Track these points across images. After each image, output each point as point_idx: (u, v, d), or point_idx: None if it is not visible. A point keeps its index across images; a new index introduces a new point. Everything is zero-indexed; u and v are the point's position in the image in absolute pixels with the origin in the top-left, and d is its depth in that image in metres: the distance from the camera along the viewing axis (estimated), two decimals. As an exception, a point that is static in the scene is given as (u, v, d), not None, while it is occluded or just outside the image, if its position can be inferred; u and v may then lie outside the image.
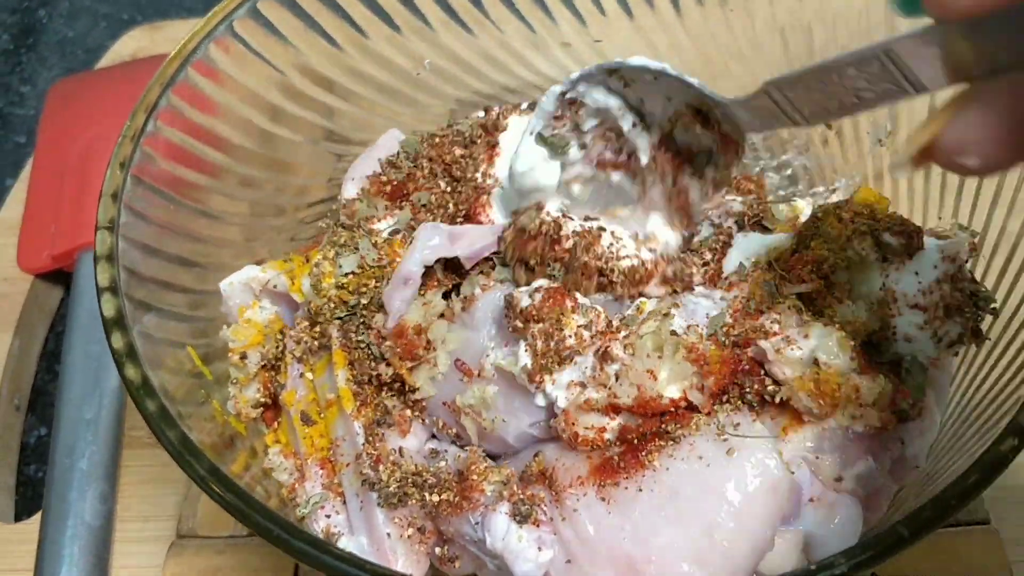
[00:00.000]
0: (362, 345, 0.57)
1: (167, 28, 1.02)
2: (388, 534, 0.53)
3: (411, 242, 0.58)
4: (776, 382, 0.51)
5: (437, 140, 0.67)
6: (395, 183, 0.65)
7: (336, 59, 0.75)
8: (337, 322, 0.59)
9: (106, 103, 0.92)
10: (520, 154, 0.57)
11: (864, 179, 0.72)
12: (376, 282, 0.59)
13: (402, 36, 0.77)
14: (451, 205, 0.63)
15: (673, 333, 0.51)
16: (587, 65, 0.77)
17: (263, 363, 0.61)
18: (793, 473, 0.51)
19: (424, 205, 0.64)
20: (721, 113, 0.52)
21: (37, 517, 0.73)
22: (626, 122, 0.56)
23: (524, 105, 0.69)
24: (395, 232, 0.62)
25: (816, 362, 0.50)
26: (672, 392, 0.51)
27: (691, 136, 0.55)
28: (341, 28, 0.74)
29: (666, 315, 0.53)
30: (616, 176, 0.57)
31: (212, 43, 0.65)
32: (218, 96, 0.67)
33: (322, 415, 0.58)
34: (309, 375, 0.59)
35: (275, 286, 0.62)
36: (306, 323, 0.60)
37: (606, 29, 0.77)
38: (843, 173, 0.73)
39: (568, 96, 0.55)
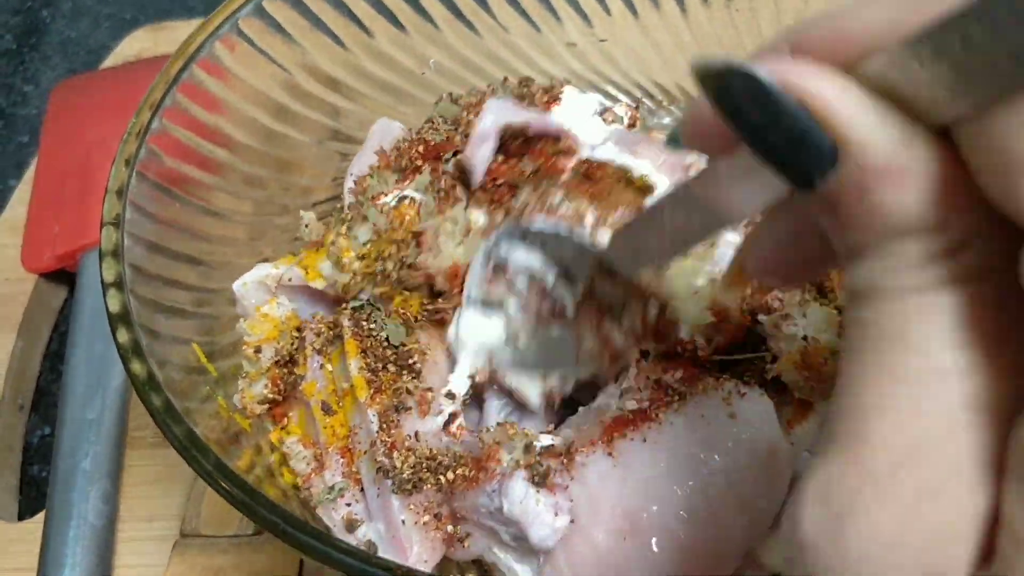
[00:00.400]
0: (374, 332, 0.57)
1: (170, 29, 1.02)
2: (403, 521, 0.53)
3: (481, 111, 0.62)
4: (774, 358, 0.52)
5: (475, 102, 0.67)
6: (432, 144, 0.65)
7: (341, 58, 0.75)
8: (348, 311, 0.59)
9: (109, 103, 0.92)
10: (462, 321, 0.59)
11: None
12: (395, 247, 0.59)
13: (407, 36, 0.77)
14: None
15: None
16: (594, 65, 0.79)
17: (276, 359, 0.61)
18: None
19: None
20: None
21: (40, 517, 0.73)
22: (549, 278, 0.58)
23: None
24: (402, 199, 0.62)
25: (806, 338, 0.51)
26: (683, 332, 0.53)
27: (606, 287, 0.56)
28: (347, 27, 0.74)
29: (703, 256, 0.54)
30: (556, 329, 0.58)
31: (217, 41, 0.65)
32: (223, 94, 0.67)
33: (340, 404, 0.58)
34: (328, 366, 0.59)
35: (290, 279, 0.62)
36: (322, 313, 0.61)
37: (611, 28, 0.78)
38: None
39: (493, 258, 0.58)
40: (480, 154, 0.60)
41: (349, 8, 0.73)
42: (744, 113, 0.27)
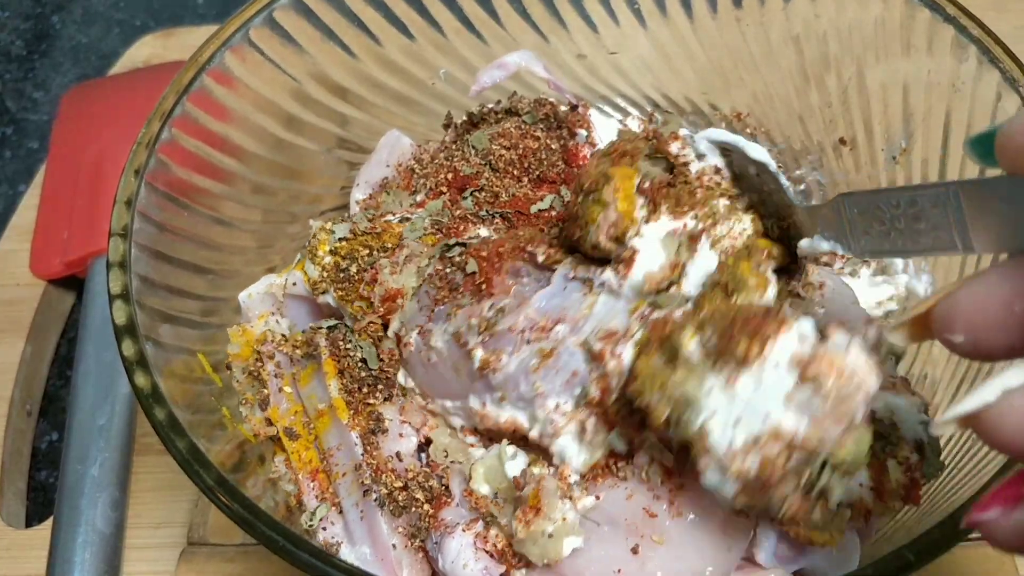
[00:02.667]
0: (350, 353, 0.57)
1: (180, 35, 1.02)
2: (394, 545, 0.53)
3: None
4: None
5: (503, 132, 0.68)
6: (461, 175, 0.66)
7: (351, 68, 0.75)
8: (324, 331, 0.59)
9: (119, 110, 0.92)
10: None
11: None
12: (368, 251, 0.60)
13: (417, 45, 0.77)
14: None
15: None
16: (603, 77, 0.78)
17: (247, 375, 0.61)
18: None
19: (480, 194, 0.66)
20: (792, 219, 0.51)
21: (48, 523, 0.73)
22: None
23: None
24: (404, 220, 0.62)
25: None
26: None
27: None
28: (356, 37, 0.74)
29: None
30: None
31: (228, 51, 0.65)
32: (233, 104, 0.67)
33: (310, 427, 0.58)
34: (288, 388, 0.59)
35: (294, 284, 0.62)
36: (282, 336, 0.61)
37: (620, 40, 0.78)
38: (857, 188, 0.73)
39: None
40: (489, 75, 0.67)
41: (359, 17, 0.73)
42: None
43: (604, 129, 0.70)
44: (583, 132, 0.69)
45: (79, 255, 0.84)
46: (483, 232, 0.63)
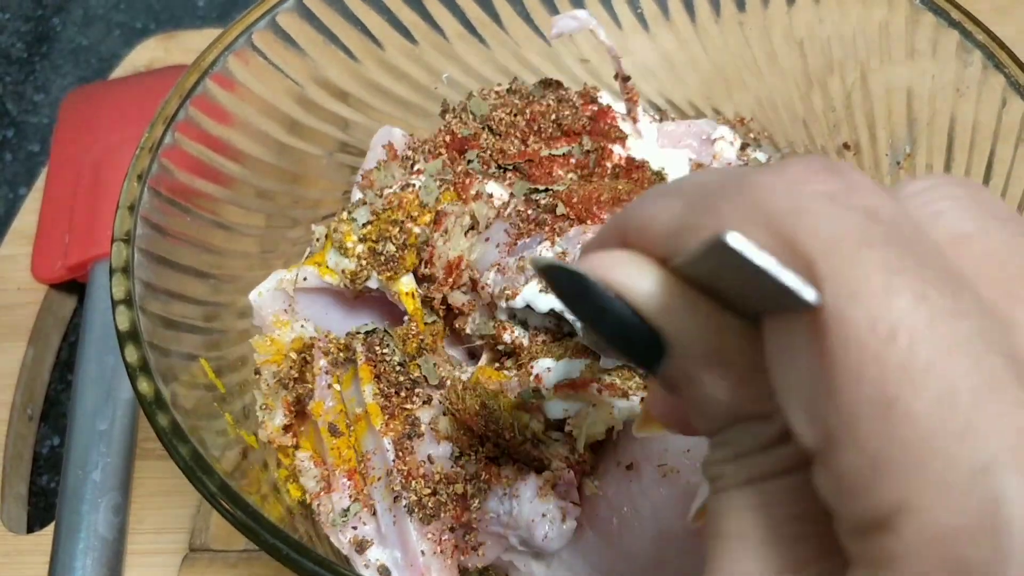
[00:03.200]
0: (386, 357, 0.57)
1: (181, 38, 1.02)
2: (423, 551, 0.53)
3: None
4: None
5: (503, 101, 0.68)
6: (458, 136, 0.65)
7: (353, 71, 0.75)
8: (361, 336, 0.59)
9: (120, 113, 0.92)
10: None
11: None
12: (395, 227, 0.59)
13: (419, 48, 0.77)
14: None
15: None
16: (607, 82, 0.78)
17: (278, 379, 0.61)
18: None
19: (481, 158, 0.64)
20: None
21: (50, 528, 0.73)
22: None
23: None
24: (405, 187, 0.62)
25: None
26: None
27: None
28: (359, 40, 0.74)
29: None
30: None
31: (231, 55, 0.65)
32: (236, 108, 0.67)
33: (351, 428, 0.58)
34: (337, 386, 0.59)
35: (305, 278, 0.62)
36: (334, 334, 0.61)
37: (623, 44, 0.77)
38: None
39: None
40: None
41: (362, 22, 0.73)
42: (578, 307, 0.28)
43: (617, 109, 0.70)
44: (616, 107, 0.68)
45: (80, 259, 0.84)
46: (492, 188, 0.62)
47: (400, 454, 0.55)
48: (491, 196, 0.62)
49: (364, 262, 0.60)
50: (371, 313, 0.65)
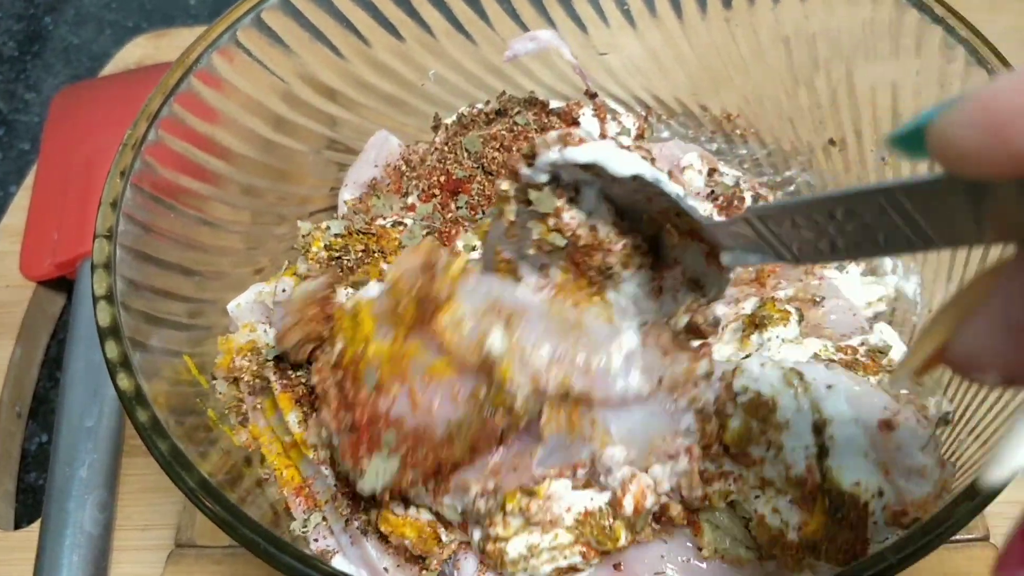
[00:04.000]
0: (302, 380, 0.57)
1: (172, 36, 1.02)
2: (386, 568, 0.54)
3: None
4: None
5: (494, 135, 0.68)
6: (453, 178, 0.66)
7: (340, 69, 0.75)
8: (271, 364, 0.59)
9: (110, 111, 0.92)
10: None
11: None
12: (363, 248, 0.60)
13: (406, 46, 0.77)
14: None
15: None
16: (593, 78, 0.78)
17: (229, 383, 0.61)
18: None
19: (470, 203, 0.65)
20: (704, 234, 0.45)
21: (37, 525, 0.73)
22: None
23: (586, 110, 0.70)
24: (396, 224, 0.62)
25: None
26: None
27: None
28: (345, 38, 0.74)
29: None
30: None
31: (216, 52, 0.65)
32: (221, 105, 0.67)
33: (287, 452, 0.58)
34: (261, 416, 0.60)
35: (284, 290, 0.62)
36: (246, 362, 0.60)
37: (610, 41, 0.77)
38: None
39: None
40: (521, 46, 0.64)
41: (348, 19, 0.73)
42: None
43: (593, 129, 0.70)
44: (586, 126, 0.68)
45: (69, 257, 0.84)
46: (475, 238, 0.63)
47: (340, 480, 0.54)
48: (474, 247, 0.62)
49: (317, 265, 0.60)
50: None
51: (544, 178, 0.45)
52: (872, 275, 0.68)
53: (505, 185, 0.46)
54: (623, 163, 0.42)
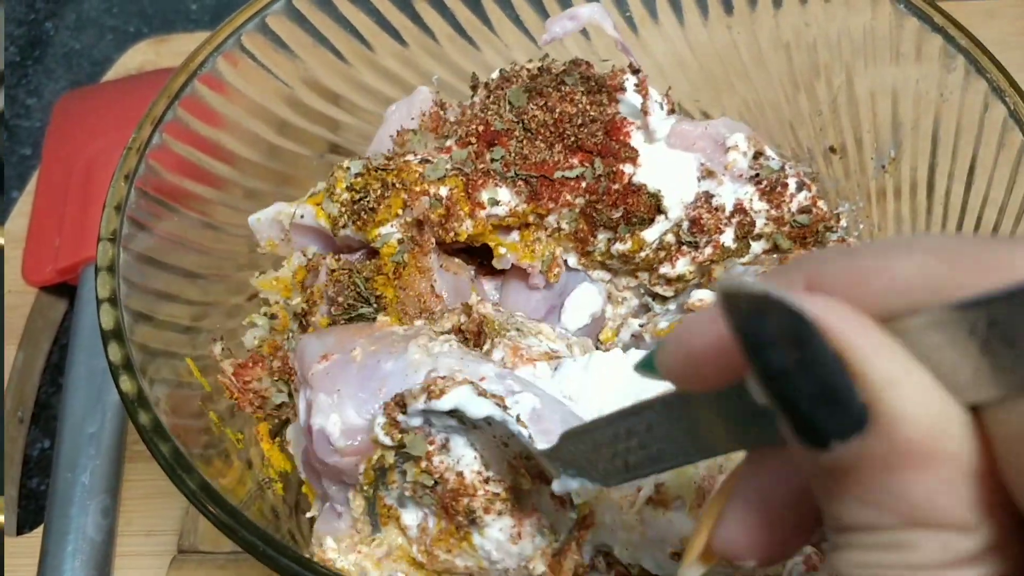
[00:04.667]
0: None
1: (173, 41, 1.02)
2: None
3: None
4: None
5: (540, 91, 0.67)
6: (492, 128, 0.65)
7: (344, 73, 0.75)
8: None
9: (111, 116, 0.93)
10: None
11: (868, 203, 0.71)
12: (380, 184, 0.60)
13: (409, 51, 0.77)
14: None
15: None
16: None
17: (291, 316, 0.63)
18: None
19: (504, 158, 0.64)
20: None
21: (39, 531, 0.73)
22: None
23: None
24: (424, 162, 0.62)
25: None
26: None
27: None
28: (348, 42, 0.74)
29: None
30: None
31: (220, 56, 0.65)
32: (225, 109, 0.67)
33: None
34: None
35: (302, 216, 0.63)
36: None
37: (611, 47, 0.77)
38: (846, 197, 0.73)
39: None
40: (560, 25, 0.63)
41: (351, 24, 0.73)
42: (770, 351, 0.24)
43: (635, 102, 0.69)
44: (630, 100, 0.67)
45: (71, 262, 0.84)
46: (502, 193, 0.63)
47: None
48: (497, 202, 0.62)
49: (343, 209, 0.60)
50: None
51: (417, 422, 0.49)
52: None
53: (383, 432, 0.49)
54: (478, 407, 0.47)
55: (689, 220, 0.66)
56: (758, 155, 0.69)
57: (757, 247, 0.66)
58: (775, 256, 0.66)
